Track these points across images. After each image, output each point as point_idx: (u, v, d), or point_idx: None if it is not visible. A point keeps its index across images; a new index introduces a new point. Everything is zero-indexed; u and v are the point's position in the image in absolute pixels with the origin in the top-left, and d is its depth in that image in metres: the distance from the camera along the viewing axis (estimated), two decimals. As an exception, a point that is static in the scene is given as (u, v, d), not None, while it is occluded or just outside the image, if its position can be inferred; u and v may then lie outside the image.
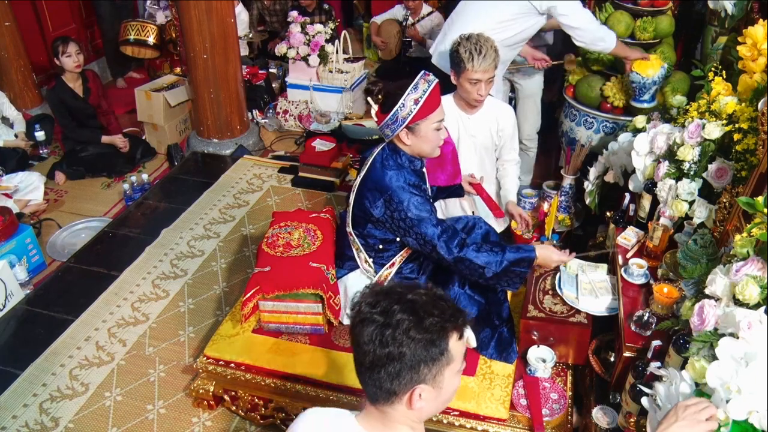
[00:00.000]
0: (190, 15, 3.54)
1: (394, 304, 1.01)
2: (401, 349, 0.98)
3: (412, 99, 1.81)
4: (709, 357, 1.25)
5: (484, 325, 2.01)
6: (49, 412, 2.24)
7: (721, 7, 2.65)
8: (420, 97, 1.81)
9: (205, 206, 3.44)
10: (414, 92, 1.81)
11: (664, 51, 2.87)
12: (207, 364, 2.11)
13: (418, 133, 1.86)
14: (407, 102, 1.81)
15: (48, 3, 4.75)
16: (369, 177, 1.93)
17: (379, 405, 1.06)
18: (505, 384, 1.94)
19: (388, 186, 1.85)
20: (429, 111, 1.83)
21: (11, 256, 2.87)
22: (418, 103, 1.81)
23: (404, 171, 1.89)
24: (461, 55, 2.22)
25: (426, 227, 1.83)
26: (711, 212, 1.87)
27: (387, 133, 1.90)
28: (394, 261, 2.04)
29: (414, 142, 1.88)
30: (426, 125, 1.85)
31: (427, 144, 1.89)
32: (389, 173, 1.87)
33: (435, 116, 1.85)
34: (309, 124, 4.22)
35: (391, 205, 1.85)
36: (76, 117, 3.76)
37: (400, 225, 1.87)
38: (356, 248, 2.05)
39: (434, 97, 1.84)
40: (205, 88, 3.81)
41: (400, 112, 1.82)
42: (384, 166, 1.90)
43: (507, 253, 1.84)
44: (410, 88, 1.82)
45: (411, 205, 1.83)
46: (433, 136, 1.88)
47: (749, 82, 1.97)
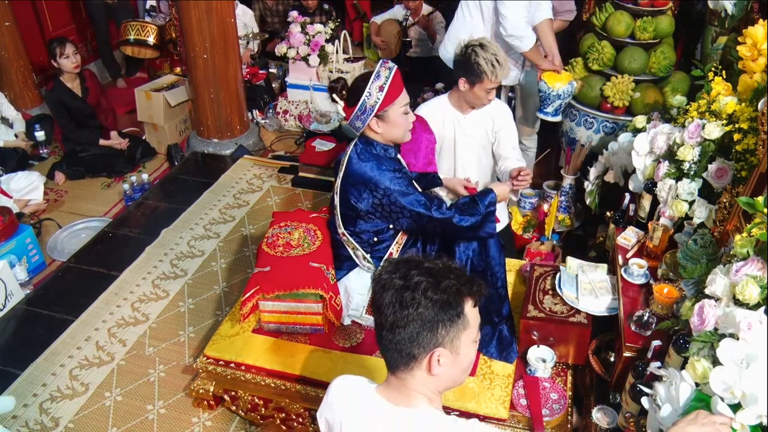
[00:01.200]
0: (190, 15, 3.54)
1: (413, 269, 1.05)
2: (419, 310, 1.02)
3: (376, 86, 1.85)
4: (709, 357, 1.25)
5: (484, 322, 1.99)
6: (49, 412, 2.24)
7: (721, 7, 2.65)
8: (384, 84, 1.84)
9: (205, 206, 3.44)
10: (377, 80, 1.85)
11: (664, 51, 2.87)
12: (207, 364, 2.11)
13: (388, 119, 1.89)
14: (372, 90, 1.84)
15: (48, 3, 4.75)
16: (349, 174, 1.96)
17: (399, 372, 1.08)
18: (505, 384, 1.94)
19: (369, 176, 1.89)
20: (395, 96, 1.87)
21: (11, 256, 2.87)
22: (383, 90, 1.84)
23: (381, 159, 1.92)
24: (482, 66, 2.20)
25: (416, 203, 1.89)
26: (711, 212, 1.87)
27: (358, 126, 1.93)
28: (391, 251, 2.05)
29: (385, 129, 1.91)
30: (394, 110, 1.88)
31: (398, 129, 1.92)
32: (368, 164, 1.91)
33: (401, 100, 1.89)
34: (309, 124, 4.22)
35: (377, 193, 1.89)
36: (76, 117, 3.76)
37: (391, 209, 1.91)
38: (352, 247, 2.06)
39: (397, 82, 1.88)
40: (205, 88, 3.81)
41: (368, 101, 1.86)
42: (361, 160, 1.93)
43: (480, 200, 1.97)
44: (373, 76, 1.85)
45: (396, 188, 1.88)
46: (402, 120, 1.91)
47: (749, 82, 1.97)
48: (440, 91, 3.74)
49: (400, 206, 1.90)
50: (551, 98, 2.86)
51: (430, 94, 3.93)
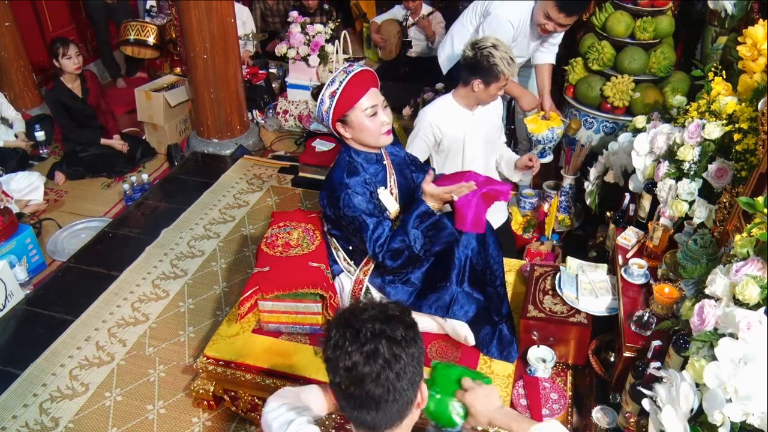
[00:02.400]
0: (190, 15, 3.54)
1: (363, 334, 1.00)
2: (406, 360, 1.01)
3: (329, 93, 1.81)
4: (709, 357, 1.25)
5: (484, 323, 2.00)
6: (49, 412, 2.24)
7: (721, 7, 2.65)
8: (336, 90, 1.79)
9: (205, 206, 3.44)
10: (331, 86, 1.81)
11: (664, 51, 2.87)
12: (207, 364, 2.10)
13: (351, 123, 1.84)
14: (325, 97, 1.82)
15: (48, 3, 4.75)
16: (328, 179, 1.95)
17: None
18: (505, 384, 1.94)
19: (332, 183, 1.87)
20: (353, 100, 1.80)
21: (11, 256, 2.87)
22: (334, 96, 1.80)
23: (354, 168, 1.88)
24: (500, 66, 2.20)
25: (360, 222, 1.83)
26: (711, 212, 1.87)
27: (329, 130, 1.92)
28: (369, 259, 2.03)
29: (353, 134, 1.87)
30: (356, 114, 1.82)
31: (365, 133, 1.85)
32: (337, 169, 1.89)
33: (363, 103, 1.81)
34: (309, 124, 4.21)
35: (331, 201, 1.87)
36: (76, 118, 3.76)
37: (347, 220, 1.86)
38: (334, 247, 2.09)
39: (356, 86, 1.80)
40: (205, 88, 3.81)
41: (322, 108, 1.84)
42: (337, 164, 1.91)
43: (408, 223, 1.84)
44: (328, 82, 1.82)
45: (344, 203, 1.83)
46: (369, 123, 1.83)
47: (749, 82, 1.97)
48: (440, 91, 3.74)
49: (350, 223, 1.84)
50: (533, 142, 2.88)
51: (430, 95, 3.92)
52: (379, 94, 1.86)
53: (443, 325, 2.01)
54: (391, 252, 1.83)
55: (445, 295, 1.95)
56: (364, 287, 2.03)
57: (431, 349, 2.03)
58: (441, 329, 2.04)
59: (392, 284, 2.02)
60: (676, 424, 1.26)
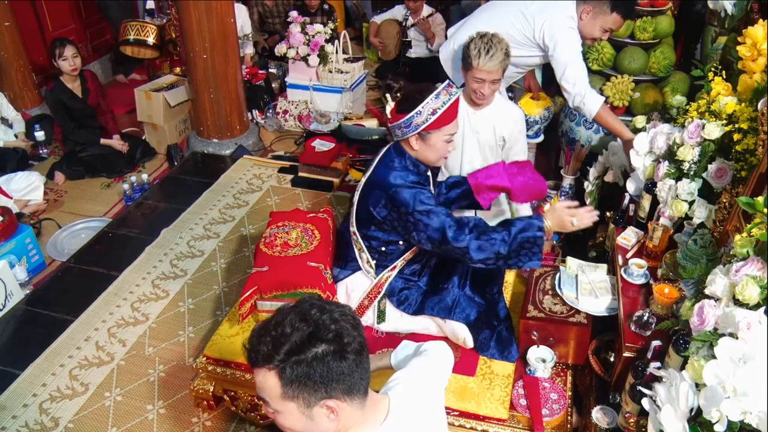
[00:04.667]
0: (190, 15, 3.54)
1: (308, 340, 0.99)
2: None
3: (430, 108, 1.81)
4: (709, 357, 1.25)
5: (484, 326, 2.01)
6: (49, 412, 2.24)
7: (721, 7, 2.65)
8: (438, 108, 1.81)
9: (205, 206, 3.44)
10: (434, 101, 1.81)
11: (663, 51, 2.88)
12: (207, 364, 2.10)
13: (428, 141, 1.86)
14: (425, 110, 1.81)
15: (48, 3, 4.75)
16: (373, 177, 1.93)
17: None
18: (504, 384, 1.94)
19: (390, 184, 1.85)
20: (444, 123, 1.83)
21: (11, 256, 2.87)
22: (435, 114, 1.81)
23: (407, 172, 1.89)
24: (470, 51, 2.21)
25: (433, 219, 1.80)
26: (711, 212, 1.87)
27: (397, 134, 1.90)
28: (396, 264, 2.03)
29: (421, 149, 1.89)
30: (437, 136, 1.85)
31: (434, 153, 1.90)
32: (392, 173, 1.87)
33: (448, 129, 1.86)
34: (309, 124, 4.22)
35: (395, 202, 1.83)
36: (76, 117, 3.76)
37: (408, 221, 1.82)
38: (359, 248, 2.04)
39: (452, 110, 1.84)
40: (204, 88, 3.81)
41: (416, 119, 1.82)
42: (387, 167, 1.90)
43: (514, 226, 1.80)
44: (431, 96, 1.81)
45: (416, 200, 1.81)
46: (441, 147, 1.88)
47: (749, 82, 1.97)
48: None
49: (417, 219, 1.80)
50: (529, 123, 2.92)
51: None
52: (458, 124, 1.91)
53: (442, 326, 2.02)
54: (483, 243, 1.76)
55: (447, 298, 1.97)
56: (384, 289, 2.03)
57: (431, 349, 2.03)
58: (440, 331, 2.05)
59: (406, 289, 2.04)
60: (675, 423, 1.26)
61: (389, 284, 2.03)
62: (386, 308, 2.06)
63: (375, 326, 2.08)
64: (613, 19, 2.49)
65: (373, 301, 2.04)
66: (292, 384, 0.99)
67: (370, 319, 2.08)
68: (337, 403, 1.01)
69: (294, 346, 0.98)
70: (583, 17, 2.51)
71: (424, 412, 1.21)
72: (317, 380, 0.98)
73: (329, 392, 1.00)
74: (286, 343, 0.98)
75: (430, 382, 1.29)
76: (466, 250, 1.77)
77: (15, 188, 3.36)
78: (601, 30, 2.53)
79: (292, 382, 0.99)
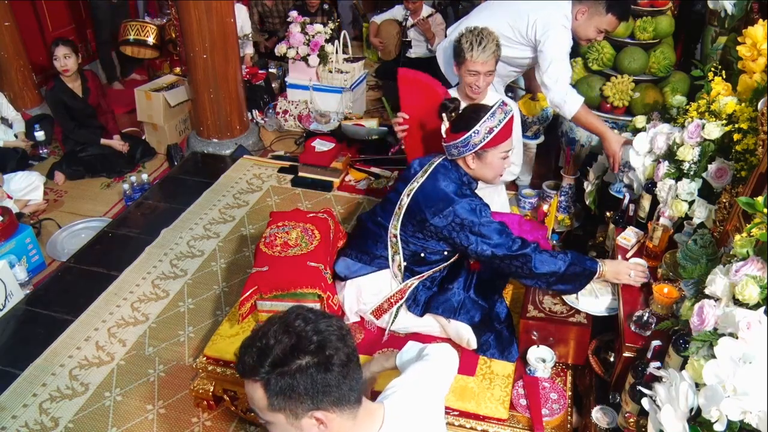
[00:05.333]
0: (190, 15, 3.54)
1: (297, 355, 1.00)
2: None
3: (487, 127, 1.84)
4: (709, 357, 1.25)
5: (486, 329, 2.02)
6: (49, 412, 2.24)
7: (721, 7, 2.65)
8: (495, 127, 1.84)
9: (205, 206, 3.44)
10: (490, 120, 1.84)
11: (663, 51, 2.87)
12: (207, 364, 2.10)
13: (485, 159, 1.90)
14: (482, 129, 1.84)
15: (47, 3, 4.75)
16: (430, 186, 1.93)
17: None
18: (504, 384, 1.94)
19: (455, 198, 1.87)
20: (501, 140, 1.87)
21: (11, 256, 2.87)
22: (492, 132, 1.84)
23: (463, 187, 1.92)
24: (462, 45, 2.25)
25: (497, 231, 1.84)
26: (711, 212, 1.87)
27: (453, 153, 1.93)
28: (424, 274, 2.04)
29: (478, 167, 1.92)
30: (494, 153, 1.89)
31: (491, 171, 1.93)
32: (453, 185, 1.90)
33: (504, 146, 1.89)
34: (309, 124, 4.22)
35: (459, 215, 1.85)
36: (76, 117, 3.76)
37: (470, 232, 1.85)
38: (394, 251, 2.02)
39: (508, 128, 1.87)
40: (204, 88, 3.81)
41: (473, 138, 1.85)
42: (447, 178, 1.92)
43: (575, 254, 1.88)
44: (487, 115, 1.84)
45: (481, 214, 1.85)
46: (498, 164, 1.91)
47: (749, 82, 1.97)
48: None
49: (478, 231, 1.84)
50: (528, 124, 2.94)
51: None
52: (512, 142, 1.94)
53: (446, 327, 2.02)
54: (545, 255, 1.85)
55: (452, 299, 1.99)
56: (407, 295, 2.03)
57: (431, 349, 2.03)
58: (443, 332, 2.05)
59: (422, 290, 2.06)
60: (675, 423, 1.26)
61: (411, 290, 2.04)
62: (401, 311, 2.06)
63: (388, 328, 2.08)
64: (609, 20, 2.50)
65: (393, 306, 2.05)
66: (277, 396, 0.99)
67: (385, 322, 2.08)
68: (325, 414, 1.01)
69: (277, 358, 0.98)
70: (578, 17, 2.52)
71: (422, 420, 1.20)
72: (302, 392, 0.98)
73: (316, 404, 1.00)
74: (270, 355, 0.98)
75: (429, 389, 1.28)
76: (530, 260, 1.83)
77: (15, 188, 3.36)
78: (596, 31, 2.54)
79: (277, 394, 0.99)
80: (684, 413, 1.25)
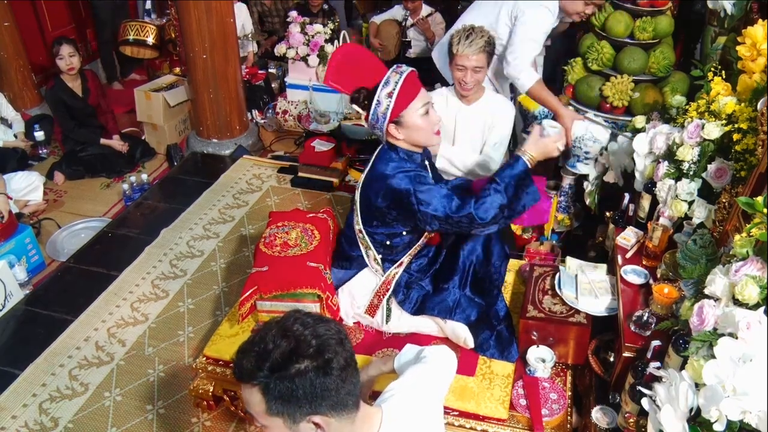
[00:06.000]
0: (189, 15, 3.54)
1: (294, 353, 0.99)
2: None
3: (385, 93, 1.81)
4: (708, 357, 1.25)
5: (484, 327, 2.01)
6: (49, 413, 2.24)
7: (721, 7, 2.65)
8: (393, 90, 1.80)
9: (205, 206, 3.44)
10: (386, 87, 1.82)
11: (663, 51, 2.87)
12: (206, 364, 2.10)
13: (405, 123, 1.85)
14: (382, 98, 1.82)
15: (47, 3, 4.75)
16: (371, 173, 1.94)
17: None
18: (504, 384, 1.94)
19: (389, 174, 1.85)
20: (408, 100, 1.82)
21: (11, 256, 2.87)
22: (392, 96, 1.80)
23: (403, 163, 1.89)
24: (452, 40, 2.29)
25: (435, 194, 1.80)
26: (710, 212, 1.87)
27: (377, 133, 1.91)
28: (402, 261, 2.03)
29: (405, 134, 1.87)
30: (410, 114, 1.83)
31: (419, 132, 1.87)
32: (390, 164, 1.88)
33: (416, 102, 1.83)
34: (308, 125, 4.21)
35: (395, 189, 1.83)
36: (76, 117, 3.76)
37: (411, 203, 1.81)
38: (365, 246, 2.04)
39: (410, 86, 1.82)
40: (204, 88, 3.81)
41: (378, 109, 1.83)
42: (383, 160, 1.91)
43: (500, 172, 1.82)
44: (381, 83, 1.82)
45: (415, 182, 1.82)
46: (422, 122, 1.85)
47: (748, 82, 1.97)
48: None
49: (418, 201, 1.80)
50: (529, 119, 2.92)
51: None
52: (427, 93, 1.88)
53: (443, 327, 2.02)
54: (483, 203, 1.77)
55: (448, 299, 1.98)
56: (393, 286, 2.03)
57: (431, 349, 2.03)
58: (441, 332, 2.05)
59: (410, 287, 2.05)
60: (675, 423, 1.26)
61: (396, 281, 2.04)
62: (392, 306, 2.06)
63: (383, 327, 2.08)
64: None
65: (382, 299, 2.05)
66: (276, 400, 0.98)
67: (379, 319, 2.08)
68: (323, 419, 1.00)
69: (275, 362, 0.97)
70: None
71: (420, 422, 1.19)
72: (301, 396, 0.97)
73: (315, 408, 0.99)
74: (268, 360, 0.98)
75: (427, 392, 1.28)
76: (473, 216, 1.77)
77: (15, 188, 3.36)
78: (584, 2, 2.57)
79: (276, 399, 0.98)
80: (684, 413, 1.25)
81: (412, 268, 2.06)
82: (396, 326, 2.09)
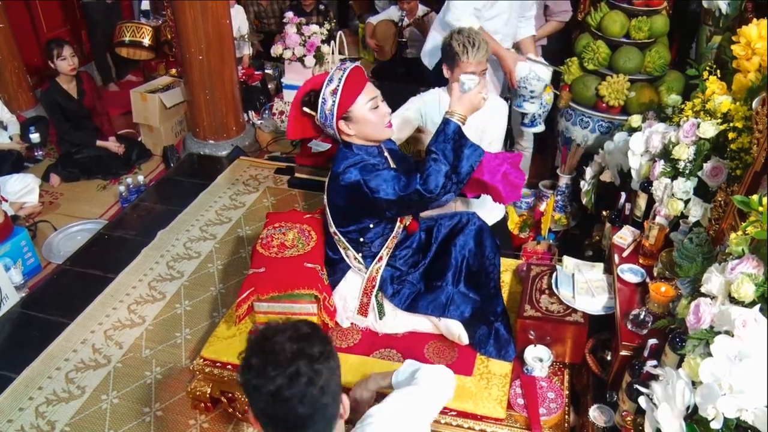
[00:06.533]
0: (185, 16, 3.54)
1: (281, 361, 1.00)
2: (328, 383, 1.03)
3: (329, 91, 1.81)
4: (705, 355, 1.26)
5: (480, 323, 2.01)
6: (46, 416, 2.23)
7: (716, 7, 2.66)
8: (337, 87, 1.80)
9: (201, 208, 3.43)
10: (330, 84, 1.82)
11: (659, 50, 2.88)
12: (204, 365, 2.10)
13: (354, 118, 1.84)
14: (326, 95, 1.82)
15: (42, 4, 4.74)
16: (330, 174, 1.95)
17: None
18: (502, 383, 1.94)
19: (339, 172, 1.86)
20: (354, 95, 1.81)
21: (6, 259, 2.86)
22: (336, 93, 1.80)
23: (356, 157, 1.88)
24: (455, 48, 2.24)
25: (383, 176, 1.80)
26: (706, 211, 1.88)
27: (330, 132, 1.91)
28: (381, 254, 2.02)
29: (356, 129, 1.86)
30: (358, 109, 1.82)
31: (368, 126, 1.85)
32: (344, 162, 1.88)
33: (363, 97, 1.82)
34: (305, 125, 4.21)
35: (348, 182, 1.84)
36: (71, 119, 3.75)
37: (364, 192, 1.81)
38: (343, 247, 2.05)
39: (354, 80, 1.82)
40: (200, 89, 3.80)
41: (325, 107, 1.83)
42: (337, 159, 1.91)
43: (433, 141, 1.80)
44: (325, 82, 1.83)
45: (363, 170, 1.82)
46: (371, 116, 1.84)
47: (743, 81, 1.98)
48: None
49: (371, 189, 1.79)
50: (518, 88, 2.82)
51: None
52: (374, 87, 1.88)
53: (437, 324, 2.02)
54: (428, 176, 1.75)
55: (441, 296, 1.96)
56: (378, 282, 2.03)
57: (428, 350, 2.03)
58: (436, 329, 2.05)
59: (398, 281, 2.04)
60: (672, 421, 1.27)
61: (381, 276, 2.04)
62: (383, 301, 2.06)
63: (376, 324, 2.08)
64: None
65: (370, 296, 2.04)
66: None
67: (372, 318, 2.08)
68: None
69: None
70: None
71: None
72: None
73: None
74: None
75: (410, 417, 1.26)
76: (422, 189, 1.76)
77: (10, 191, 3.35)
78: None
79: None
80: (681, 411, 1.25)
81: (398, 263, 2.05)
82: (392, 326, 2.08)
